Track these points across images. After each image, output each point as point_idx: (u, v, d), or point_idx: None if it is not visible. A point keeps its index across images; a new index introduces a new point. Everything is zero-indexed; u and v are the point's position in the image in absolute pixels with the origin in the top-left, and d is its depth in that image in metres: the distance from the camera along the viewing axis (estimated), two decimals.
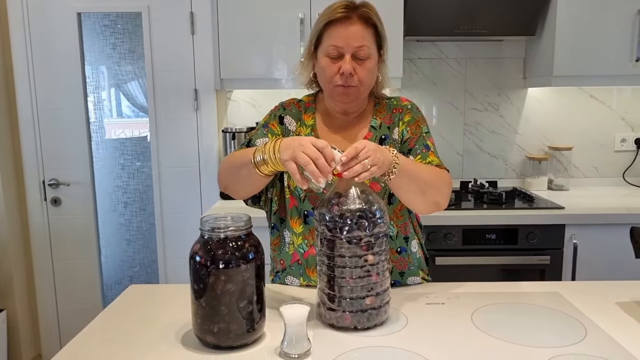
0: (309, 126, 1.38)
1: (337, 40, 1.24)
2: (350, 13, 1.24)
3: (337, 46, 1.25)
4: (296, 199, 1.34)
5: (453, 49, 2.75)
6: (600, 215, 2.19)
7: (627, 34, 2.37)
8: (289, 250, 1.36)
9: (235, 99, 2.79)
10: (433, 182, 1.23)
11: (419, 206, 1.27)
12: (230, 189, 1.31)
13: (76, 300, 2.73)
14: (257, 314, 1.02)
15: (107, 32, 2.65)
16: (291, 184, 1.34)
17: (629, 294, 1.27)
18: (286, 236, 1.37)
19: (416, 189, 1.20)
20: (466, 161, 2.83)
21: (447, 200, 1.29)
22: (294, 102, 1.43)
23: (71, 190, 2.66)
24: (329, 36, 1.26)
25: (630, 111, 2.79)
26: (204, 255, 0.98)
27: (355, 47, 1.24)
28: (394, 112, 1.38)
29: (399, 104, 1.39)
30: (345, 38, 1.24)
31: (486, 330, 1.08)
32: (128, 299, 1.29)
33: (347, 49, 1.24)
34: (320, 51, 1.30)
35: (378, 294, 1.08)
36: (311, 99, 1.44)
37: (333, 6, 1.27)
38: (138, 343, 1.05)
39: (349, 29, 1.24)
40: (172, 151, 2.63)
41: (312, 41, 1.32)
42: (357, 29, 1.24)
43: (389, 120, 1.37)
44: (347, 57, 1.25)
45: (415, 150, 1.33)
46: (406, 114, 1.37)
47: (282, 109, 1.42)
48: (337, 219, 1.05)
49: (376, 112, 1.39)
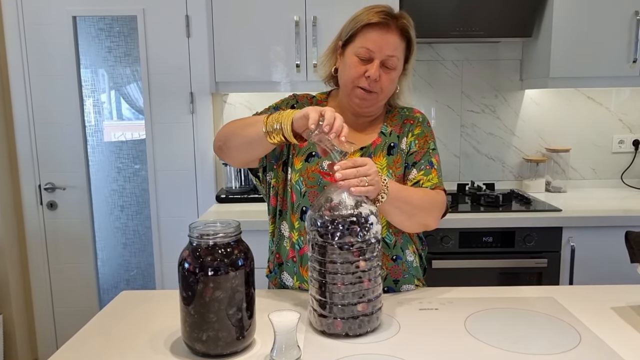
0: None
1: (372, 44, 1.25)
2: (390, 21, 1.26)
3: (369, 49, 1.25)
4: (296, 194, 1.32)
5: (449, 50, 2.74)
6: (598, 218, 2.18)
7: (624, 35, 2.36)
8: (287, 245, 1.35)
9: (231, 102, 2.78)
10: (423, 206, 1.25)
11: (406, 227, 1.30)
12: (225, 151, 1.28)
13: (72, 304, 2.72)
14: (247, 321, 1.01)
15: (102, 35, 2.64)
16: (293, 178, 1.33)
17: (624, 299, 1.26)
18: (283, 230, 1.36)
19: (402, 213, 1.23)
20: (463, 163, 2.82)
21: (438, 221, 1.31)
22: (308, 97, 1.42)
23: (67, 194, 2.65)
24: (364, 37, 1.26)
25: (628, 112, 2.78)
26: (193, 262, 0.97)
27: (387, 55, 1.26)
28: (405, 122, 1.38)
29: (411, 114, 1.40)
30: (380, 44, 1.25)
31: (479, 336, 1.07)
32: (119, 305, 1.28)
33: (379, 55, 1.25)
34: (349, 49, 1.29)
35: (370, 300, 1.07)
36: (324, 97, 1.44)
37: (374, 9, 1.27)
38: (127, 351, 1.04)
39: (386, 36, 1.25)
40: (168, 154, 2.62)
41: (342, 37, 1.32)
42: (393, 38, 1.26)
43: (400, 129, 1.37)
44: (376, 63, 1.25)
45: (420, 165, 1.33)
46: (417, 127, 1.37)
47: (295, 101, 1.41)
48: (329, 225, 1.04)
49: (387, 119, 1.39)
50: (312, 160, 1.32)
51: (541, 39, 2.48)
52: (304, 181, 1.31)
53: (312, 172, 1.31)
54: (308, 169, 1.31)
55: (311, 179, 1.30)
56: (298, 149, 1.34)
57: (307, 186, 1.30)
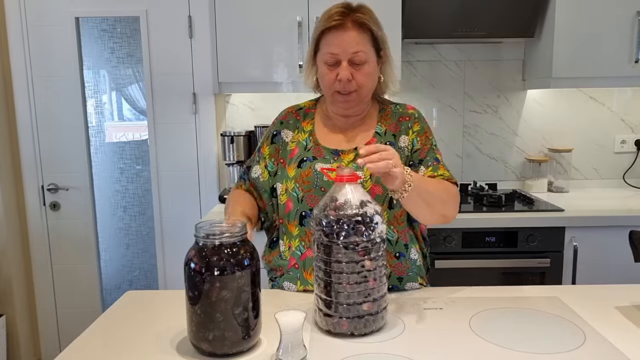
0: (307, 132, 1.39)
1: (334, 47, 1.26)
2: (344, 20, 1.25)
3: (333, 53, 1.26)
4: (293, 201, 1.33)
5: (452, 51, 2.75)
6: (600, 218, 2.18)
7: (626, 35, 2.36)
8: (286, 257, 1.36)
9: (234, 102, 2.78)
10: (442, 197, 1.24)
11: (426, 219, 1.29)
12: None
13: (76, 305, 2.73)
14: (253, 320, 1.01)
15: (105, 36, 2.65)
16: (289, 186, 1.34)
17: (628, 298, 1.26)
18: (281, 245, 1.37)
19: (425, 204, 1.21)
20: (465, 163, 2.82)
21: (456, 213, 1.30)
22: (293, 111, 1.44)
23: (70, 195, 2.65)
24: (326, 44, 1.27)
25: (630, 112, 2.78)
26: (199, 262, 0.97)
27: (351, 53, 1.25)
28: (400, 120, 1.37)
29: (405, 111, 1.39)
30: (341, 45, 1.25)
31: (484, 336, 1.07)
32: (124, 306, 1.29)
33: (344, 55, 1.25)
34: (318, 58, 1.31)
35: (375, 299, 1.07)
36: (312, 104, 1.45)
37: (329, 12, 1.27)
38: (133, 351, 1.04)
39: (344, 36, 1.25)
40: (171, 155, 2.62)
41: (311, 48, 1.33)
42: (352, 35, 1.25)
43: (395, 128, 1.36)
44: (344, 64, 1.26)
45: (427, 162, 1.33)
46: (415, 123, 1.37)
47: (279, 124, 1.43)
48: (334, 224, 1.05)
49: (381, 119, 1.38)
50: (305, 164, 1.34)
51: (543, 39, 2.49)
52: (300, 186, 1.32)
53: (306, 176, 1.32)
54: (302, 174, 1.33)
55: (307, 183, 1.32)
56: (288, 159, 1.37)
57: (303, 191, 1.32)
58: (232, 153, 2.58)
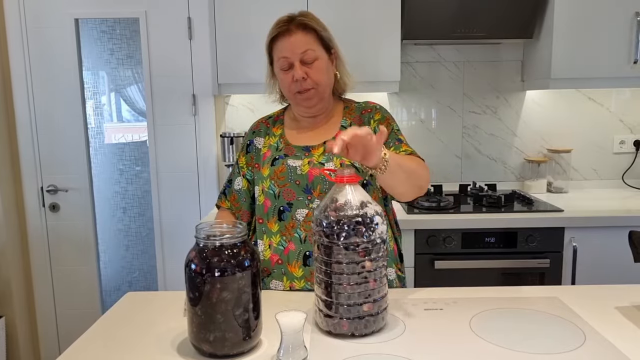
0: (277, 136, 1.47)
1: (284, 51, 1.36)
2: (289, 25, 1.36)
3: (285, 57, 1.36)
4: (270, 198, 1.39)
5: (451, 52, 2.75)
6: (599, 218, 2.18)
7: (625, 36, 2.37)
8: (266, 256, 1.39)
9: (233, 103, 2.79)
10: (414, 168, 1.28)
11: (403, 194, 1.30)
12: None
13: (75, 306, 2.72)
14: (254, 321, 1.01)
15: (104, 37, 2.65)
16: (265, 186, 1.40)
17: (628, 299, 1.27)
18: (260, 244, 1.41)
19: (404, 175, 1.23)
20: (465, 164, 2.82)
21: (428, 183, 1.34)
22: (263, 120, 1.54)
23: (69, 196, 2.65)
24: (277, 50, 1.38)
25: (629, 113, 2.78)
26: (200, 263, 0.97)
27: (300, 53, 1.34)
28: (363, 113, 1.45)
29: (367, 105, 1.48)
30: (289, 48, 1.35)
31: (484, 336, 1.08)
32: (124, 307, 1.29)
33: (294, 56, 1.35)
34: (275, 67, 1.41)
35: (375, 300, 1.08)
36: (281, 112, 1.54)
37: (275, 23, 1.39)
38: (133, 352, 1.04)
39: (291, 39, 1.35)
40: (170, 156, 2.62)
41: (268, 61, 1.44)
42: (298, 37, 1.35)
43: (359, 120, 1.44)
44: (297, 64, 1.35)
45: (388, 143, 1.38)
46: (376, 113, 1.44)
47: (251, 134, 1.52)
48: (334, 225, 1.05)
49: (345, 114, 1.46)
50: (278, 162, 1.40)
51: (542, 40, 2.49)
52: (276, 182, 1.38)
53: (280, 172, 1.38)
54: (276, 170, 1.39)
55: (281, 178, 1.37)
56: (262, 161, 1.44)
57: (279, 186, 1.38)
58: (232, 154, 2.58)
